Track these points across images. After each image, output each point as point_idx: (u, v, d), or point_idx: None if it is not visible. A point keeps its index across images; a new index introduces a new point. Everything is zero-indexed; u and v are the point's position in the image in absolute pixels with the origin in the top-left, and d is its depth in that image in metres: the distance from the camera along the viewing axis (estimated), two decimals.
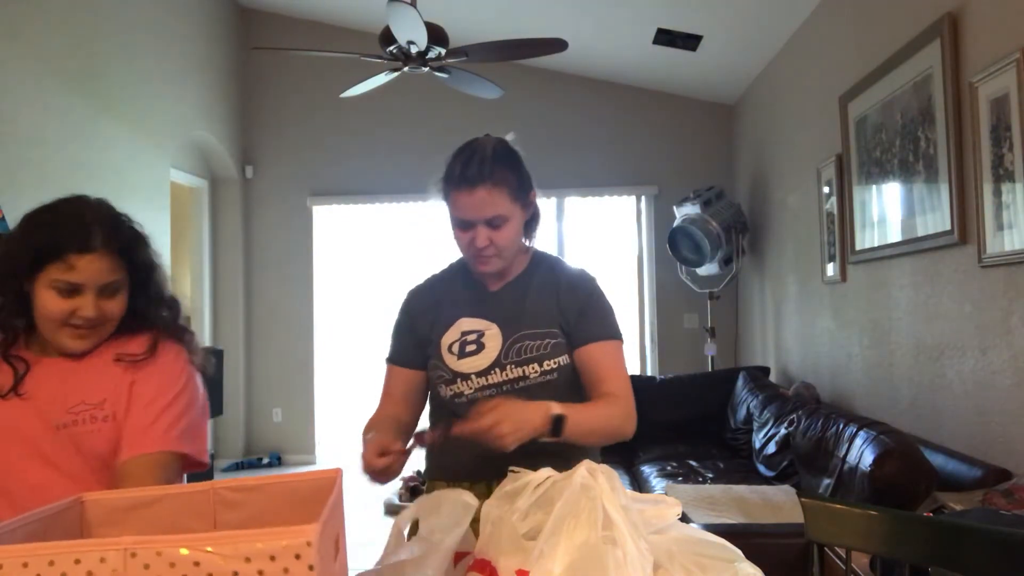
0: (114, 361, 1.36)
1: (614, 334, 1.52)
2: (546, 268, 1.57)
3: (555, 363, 1.47)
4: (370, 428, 1.53)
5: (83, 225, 1.30)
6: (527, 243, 1.58)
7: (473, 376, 1.47)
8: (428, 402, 1.61)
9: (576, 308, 1.50)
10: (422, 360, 1.55)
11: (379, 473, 1.33)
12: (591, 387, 1.48)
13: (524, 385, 1.46)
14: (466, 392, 1.48)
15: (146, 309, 1.41)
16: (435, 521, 1.02)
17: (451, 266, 1.64)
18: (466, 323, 1.51)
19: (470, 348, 1.49)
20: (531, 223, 1.56)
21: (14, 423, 1.30)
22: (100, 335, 1.35)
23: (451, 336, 1.51)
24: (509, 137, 1.54)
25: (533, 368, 1.46)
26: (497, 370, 1.47)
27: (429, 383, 1.56)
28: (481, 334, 1.49)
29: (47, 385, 1.33)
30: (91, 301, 1.29)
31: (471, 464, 1.47)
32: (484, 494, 1.40)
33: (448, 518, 1.01)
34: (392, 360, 1.60)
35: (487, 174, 1.43)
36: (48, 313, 1.29)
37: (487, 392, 1.46)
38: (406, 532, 1.09)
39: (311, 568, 0.69)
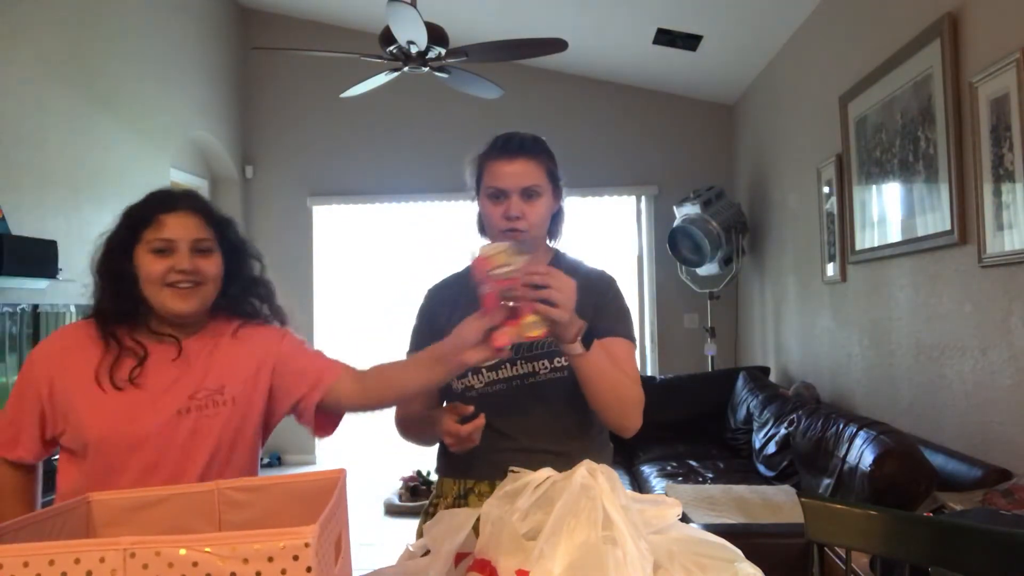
0: (231, 337, 1.47)
1: (627, 335, 1.52)
2: (565, 267, 1.57)
3: (566, 360, 1.47)
4: (404, 416, 1.58)
5: (165, 191, 1.46)
6: (550, 242, 1.60)
7: (484, 370, 1.48)
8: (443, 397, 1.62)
9: (591, 305, 1.49)
10: None
11: (464, 439, 1.37)
12: None
13: (534, 381, 1.47)
14: (476, 386, 1.48)
15: (242, 293, 1.51)
16: (438, 529, 1.02)
17: (468, 266, 1.65)
18: None
19: None
20: (556, 219, 1.58)
21: (131, 414, 1.36)
22: (201, 297, 1.42)
23: None
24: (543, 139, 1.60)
25: (543, 364, 1.47)
26: (508, 364, 1.47)
27: None
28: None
29: (163, 373, 1.40)
30: (186, 256, 1.39)
31: (473, 462, 1.47)
32: (487, 494, 1.41)
33: (451, 525, 1.02)
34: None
35: (528, 148, 1.51)
36: (148, 275, 1.38)
37: (496, 386, 1.47)
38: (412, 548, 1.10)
39: (309, 570, 0.69)
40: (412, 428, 1.58)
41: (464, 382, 1.49)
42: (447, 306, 1.57)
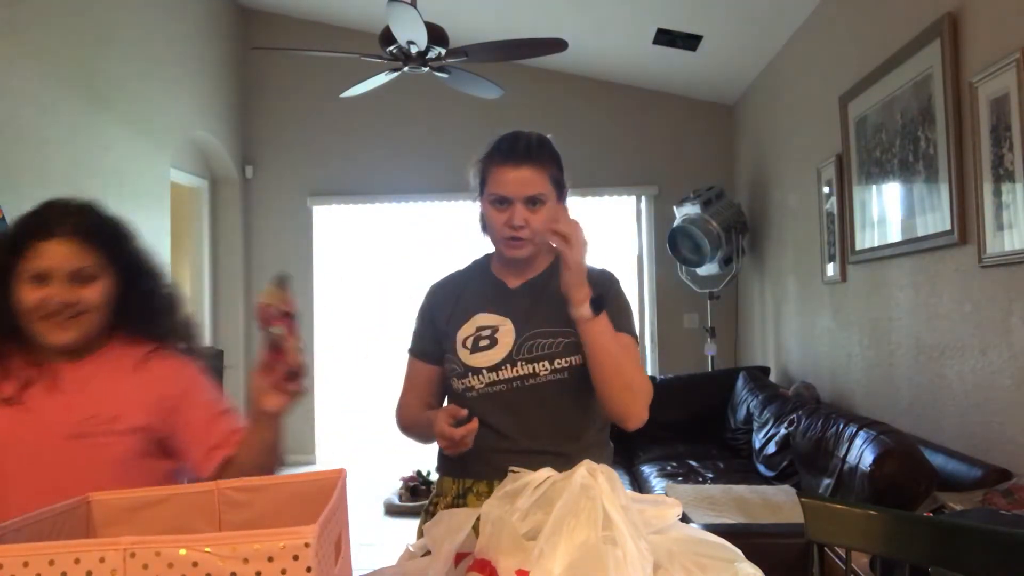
0: (134, 367, 1.39)
1: (630, 331, 1.52)
2: None
3: (566, 362, 1.47)
4: (404, 413, 1.59)
5: (43, 215, 1.36)
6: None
7: (484, 371, 1.48)
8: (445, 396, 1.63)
9: None
10: (440, 355, 1.57)
11: (457, 443, 1.37)
12: None
13: (534, 383, 1.47)
14: (476, 386, 1.48)
15: (141, 310, 1.42)
16: (438, 529, 1.02)
17: (473, 263, 1.66)
18: (482, 318, 1.53)
19: (483, 343, 1.50)
20: None
21: (16, 432, 1.32)
22: (82, 326, 1.35)
23: (466, 331, 1.52)
24: (549, 136, 1.58)
25: (543, 366, 1.47)
26: (508, 366, 1.47)
27: (445, 377, 1.58)
28: (495, 329, 1.50)
29: (54, 395, 1.35)
30: (61, 287, 1.32)
31: (472, 462, 1.47)
32: (486, 493, 1.42)
33: (450, 525, 1.02)
34: (413, 353, 1.63)
35: (534, 154, 1.48)
36: (24, 305, 1.32)
37: (497, 387, 1.47)
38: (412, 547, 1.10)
39: (309, 570, 0.69)
40: (411, 426, 1.59)
41: (464, 382, 1.50)
42: (448, 304, 1.58)
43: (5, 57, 3.44)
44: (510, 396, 1.47)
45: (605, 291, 1.52)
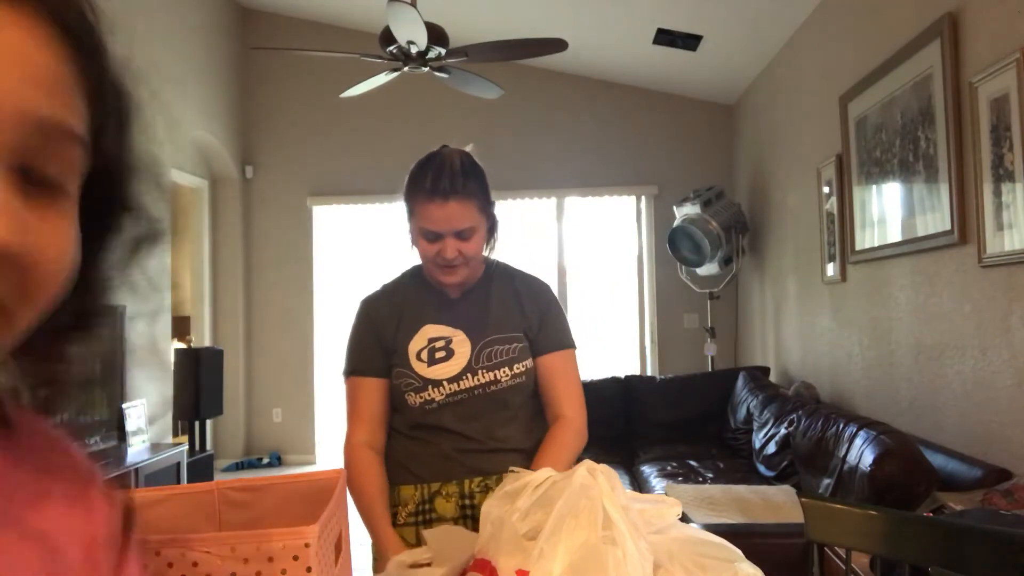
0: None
1: (571, 343, 1.57)
2: (503, 276, 1.59)
3: (523, 367, 1.50)
4: (359, 467, 1.48)
5: None
6: (486, 253, 1.56)
7: (444, 382, 1.47)
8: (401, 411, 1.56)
9: (538, 315, 1.54)
10: (388, 368, 1.52)
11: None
12: (548, 401, 1.53)
13: (496, 388, 1.48)
14: (437, 399, 1.47)
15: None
16: (442, 543, 1.03)
17: (404, 274, 1.63)
18: (432, 330, 1.51)
19: (439, 355, 1.48)
20: (490, 233, 1.55)
21: None
22: None
23: (418, 343, 1.50)
24: (470, 148, 1.53)
25: (504, 372, 1.48)
26: (469, 375, 1.47)
27: (393, 392, 1.53)
28: (449, 340, 1.49)
29: None
30: None
31: (438, 465, 1.47)
32: (456, 494, 1.43)
33: (459, 541, 1.02)
34: (358, 372, 1.54)
35: (459, 187, 1.43)
36: None
37: (458, 397, 1.47)
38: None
39: (309, 570, 0.69)
40: (359, 494, 1.48)
41: (424, 396, 1.46)
42: (393, 318, 1.53)
43: None
44: (472, 403, 1.47)
45: (547, 308, 1.54)
